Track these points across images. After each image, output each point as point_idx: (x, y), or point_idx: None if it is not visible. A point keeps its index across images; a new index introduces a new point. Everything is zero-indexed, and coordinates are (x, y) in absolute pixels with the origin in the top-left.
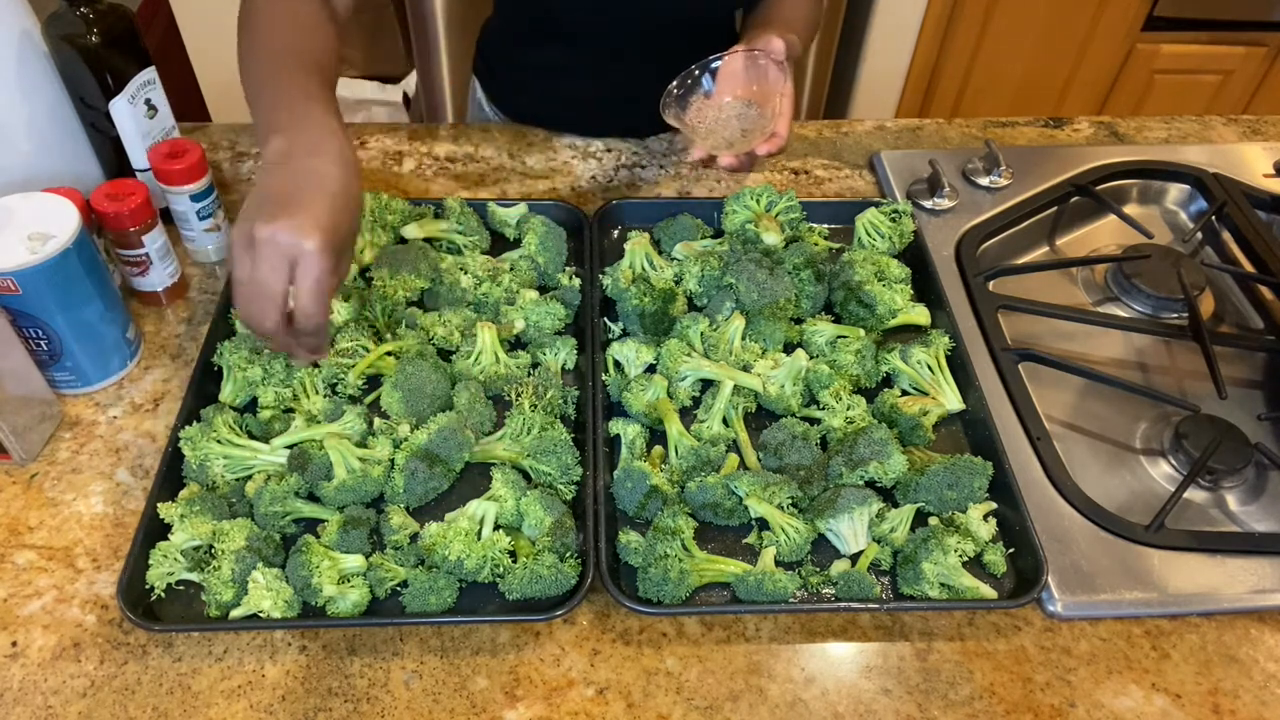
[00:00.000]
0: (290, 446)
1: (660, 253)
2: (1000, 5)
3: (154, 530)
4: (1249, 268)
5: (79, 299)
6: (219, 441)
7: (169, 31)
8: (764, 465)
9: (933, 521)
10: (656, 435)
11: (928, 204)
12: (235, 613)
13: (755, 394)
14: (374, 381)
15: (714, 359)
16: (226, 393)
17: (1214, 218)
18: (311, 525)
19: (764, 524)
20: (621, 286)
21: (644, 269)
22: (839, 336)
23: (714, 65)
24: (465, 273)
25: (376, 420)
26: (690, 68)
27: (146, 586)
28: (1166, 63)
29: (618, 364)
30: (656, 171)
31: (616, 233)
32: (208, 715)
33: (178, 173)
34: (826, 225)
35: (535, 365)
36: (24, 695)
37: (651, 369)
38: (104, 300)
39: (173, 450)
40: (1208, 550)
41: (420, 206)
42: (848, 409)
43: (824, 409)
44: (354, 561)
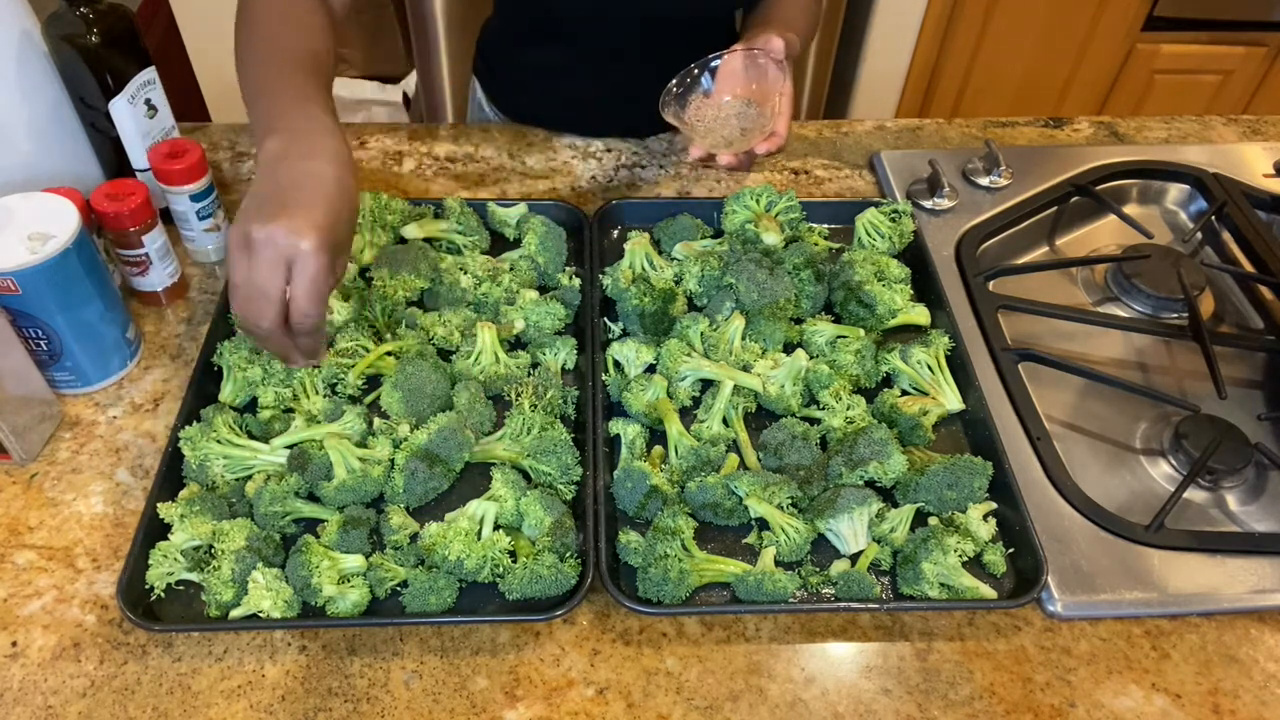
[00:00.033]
0: (290, 446)
1: (660, 253)
2: (1000, 5)
3: (154, 530)
4: (1249, 268)
5: (79, 299)
6: (219, 441)
7: (169, 31)
8: (764, 465)
9: (933, 521)
10: (656, 435)
11: (928, 204)
12: (235, 613)
13: (755, 394)
14: (374, 381)
15: (714, 359)
16: (226, 393)
17: (1214, 218)
18: (311, 525)
19: (764, 524)
20: (621, 286)
21: (644, 269)
22: (839, 336)
23: (713, 64)
24: (465, 273)
25: (376, 420)
26: (690, 66)
27: (146, 586)
28: (1166, 63)
29: (618, 364)
30: (656, 171)
31: (616, 233)
32: (208, 715)
33: (178, 173)
34: (826, 225)
35: (535, 365)
36: (24, 695)
37: (651, 369)
38: (104, 300)
39: (173, 450)
40: (1208, 550)
41: (420, 206)
42: (848, 409)
43: (824, 409)
44: (354, 561)
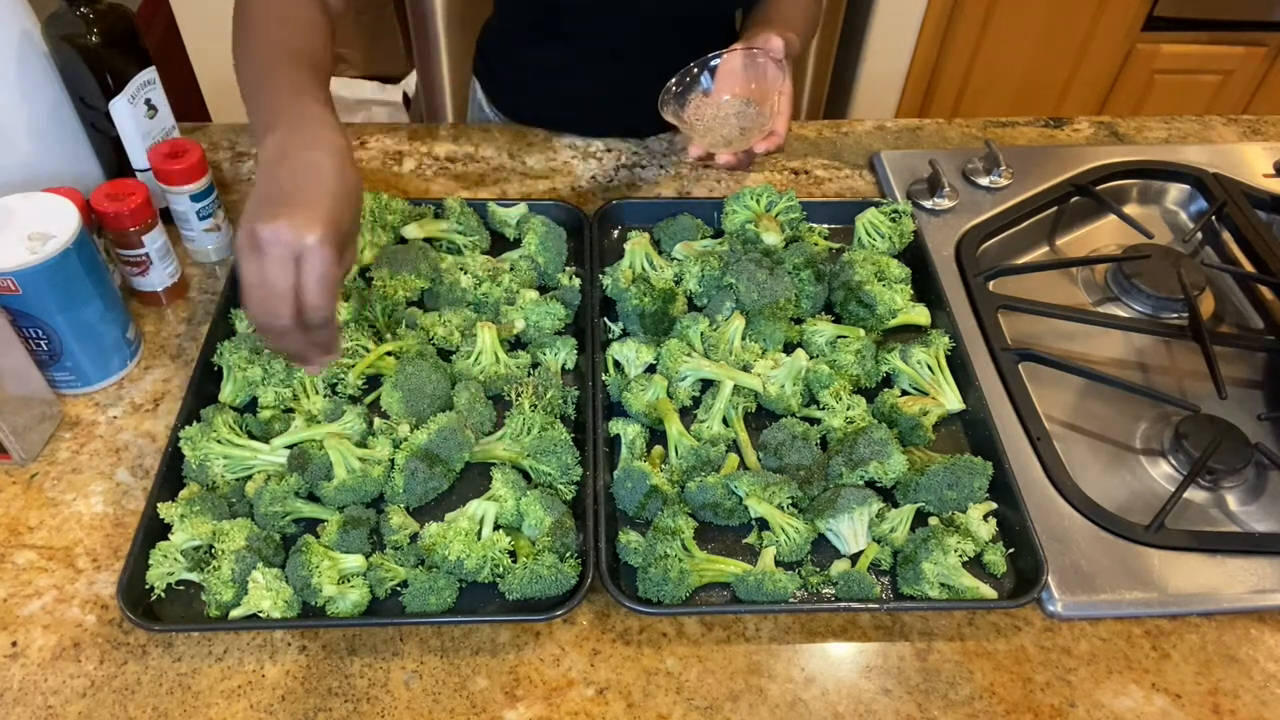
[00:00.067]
0: (290, 446)
1: (660, 253)
2: (1000, 5)
3: (154, 530)
4: (1249, 268)
5: (79, 299)
6: (219, 441)
7: (169, 31)
8: (764, 465)
9: (933, 521)
10: (656, 435)
11: (928, 204)
12: (235, 613)
13: (755, 394)
14: (374, 381)
15: (714, 359)
16: (226, 393)
17: (1214, 218)
18: (311, 525)
19: (764, 524)
20: (621, 286)
21: (644, 269)
22: (839, 336)
23: (713, 63)
24: (465, 273)
25: (376, 420)
26: (689, 65)
27: (146, 586)
28: (1166, 63)
29: (618, 364)
30: (656, 171)
31: (616, 233)
32: (208, 715)
33: (178, 173)
34: (826, 225)
35: (535, 365)
36: (24, 695)
37: (651, 369)
38: (104, 300)
39: (173, 450)
40: (1208, 550)
41: (420, 206)
42: (848, 409)
43: (824, 409)
44: (354, 561)
